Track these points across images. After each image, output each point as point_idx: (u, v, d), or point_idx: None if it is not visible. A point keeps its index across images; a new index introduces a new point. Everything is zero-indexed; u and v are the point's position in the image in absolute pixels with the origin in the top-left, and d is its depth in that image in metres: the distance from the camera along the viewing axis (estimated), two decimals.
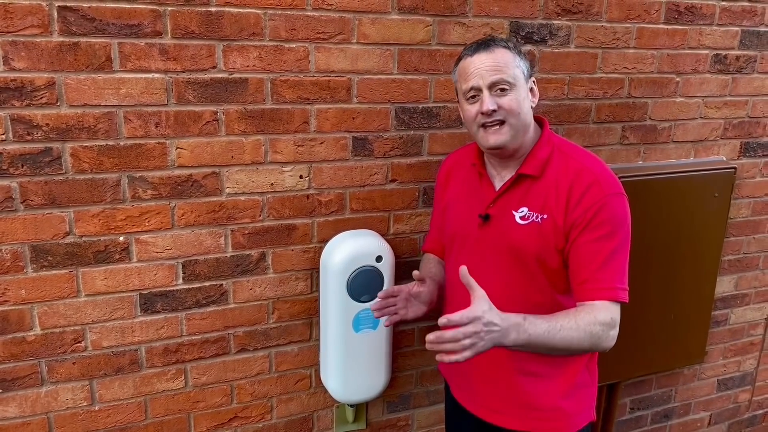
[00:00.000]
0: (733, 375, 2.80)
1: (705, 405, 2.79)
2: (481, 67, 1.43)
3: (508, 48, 1.46)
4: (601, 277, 1.41)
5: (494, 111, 1.41)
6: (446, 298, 1.70)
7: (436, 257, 1.80)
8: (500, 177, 1.55)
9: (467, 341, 1.23)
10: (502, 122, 1.43)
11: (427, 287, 1.61)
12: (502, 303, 1.45)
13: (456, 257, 1.63)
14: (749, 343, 2.77)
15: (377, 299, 1.60)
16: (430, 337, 1.25)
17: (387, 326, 1.68)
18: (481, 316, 1.24)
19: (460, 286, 1.60)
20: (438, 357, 1.25)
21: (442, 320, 1.24)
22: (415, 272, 1.54)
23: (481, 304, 1.26)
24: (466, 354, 1.24)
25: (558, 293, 1.50)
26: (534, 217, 1.47)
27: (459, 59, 1.51)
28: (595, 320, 1.37)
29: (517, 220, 1.49)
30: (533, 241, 1.47)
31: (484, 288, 1.52)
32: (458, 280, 1.60)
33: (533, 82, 1.51)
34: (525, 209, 1.49)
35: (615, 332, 1.42)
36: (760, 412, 2.98)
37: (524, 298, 1.49)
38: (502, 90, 1.42)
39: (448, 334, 1.24)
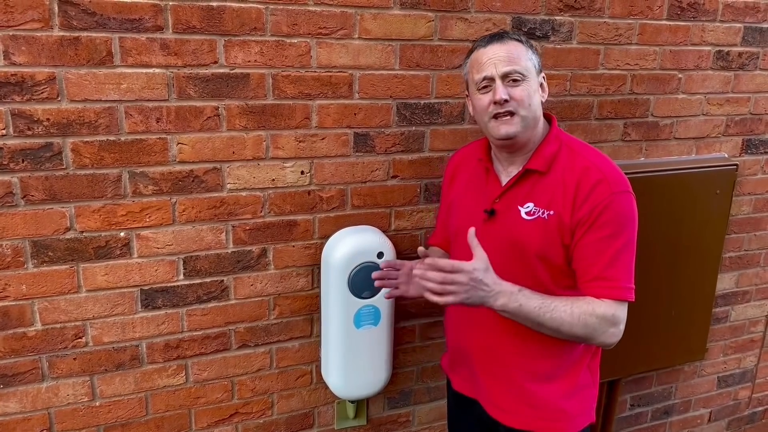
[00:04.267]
0: (734, 372, 2.80)
1: (705, 402, 2.79)
2: (494, 57, 1.43)
3: (521, 42, 1.47)
4: (608, 275, 1.41)
5: (506, 101, 1.41)
6: None
7: (441, 250, 1.81)
8: (507, 172, 1.55)
9: (451, 287, 1.32)
10: (512, 113, 1.43)
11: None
12: None
13: (460, 252, 1.60)
14: (749, 340, 2.77)
15: (380, 270, 1.64)
16: (416, 272, 1.35)
17: (387, 298, 1.72)
18: (470, 271, 1.32)
19: None
20: (424, 293, 1.36)
21: (428, 260, 1.34)
22: (420, 248, 1.52)
23: (475, 263, 1.34)
24: (449, 299, 1.33)
25: (560, 289, 1.49)
26: (540, 213, 1.47)
27: (471, 51, 1.52)
28: (592, 311, 1.39)
29: (523, 215, 1.49)
30: (537, 237, 1.46)
31: None
32: None
33: (543, 77, 1.51)
34: (531, 205, 1.48)
35: (617, 329, 1.42)
36: (760, 409, 2.99)
37: None
38: (515, 81, 1.43)
39: (434, 274, 1.33)
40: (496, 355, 1.58)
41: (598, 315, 1.39)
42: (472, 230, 1.36)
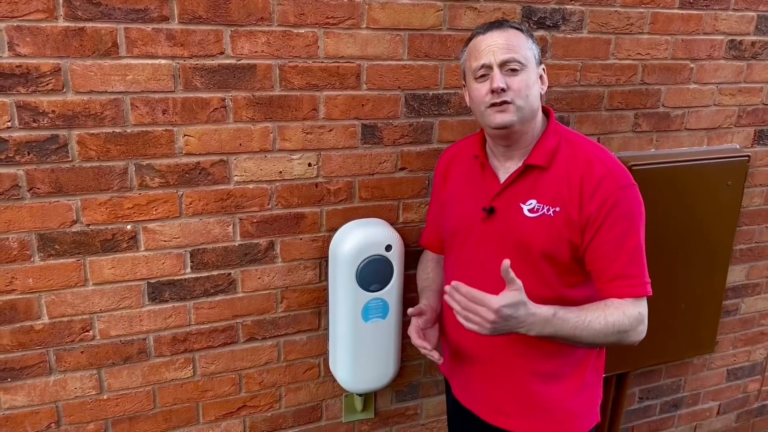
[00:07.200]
0: (743, 365, 2.79)
1: (714, 395, 2.78)
2: (493, 44, 1.39)
3: (521, 30, 1.43)
4: (628, 273, 1.39)
5: (503, 90, 1.37)
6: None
7: (434, 255, 1.77)
8: (505, 168, 1.50)
9: (475, 318, 1.30)
10: (508, 103, 1.38)
11: (427, 315, 1.59)
12: None
13: (458, 253, 1.59)
14: (759, 333, 2.75)
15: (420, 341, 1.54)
16: (446, 289, 1.33)
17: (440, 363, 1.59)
18: (497, 309, 1.28)
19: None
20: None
21: (455, 284, 1.32)
22: (410, 310, 1.53)
23: (504, 299, 1.29)
24: (473, 328, 1.31)
25: (565, 288, 1.46)
26: (545, 210, 1.42)
27: (469, 39, 1.48)
28: (623, 315, 1.38)
29: (526, 212, 1.44)
30: (542, 235, 1.42)
31: (490, 283, 1.46)
32: (459, 277, 1.55)
33: (543, 69, 1.47)
34: (534, 201, 1.44)
35: (644, 327, 1.42)
36: None
37: (531, 293, 1.42)
38: (513, 71, 1.38)
39: (459, 297, 1.31)
40: (497, 356, 1.53)
41: (629, 316, 1.38)
42: (506, 262, 1.27)
